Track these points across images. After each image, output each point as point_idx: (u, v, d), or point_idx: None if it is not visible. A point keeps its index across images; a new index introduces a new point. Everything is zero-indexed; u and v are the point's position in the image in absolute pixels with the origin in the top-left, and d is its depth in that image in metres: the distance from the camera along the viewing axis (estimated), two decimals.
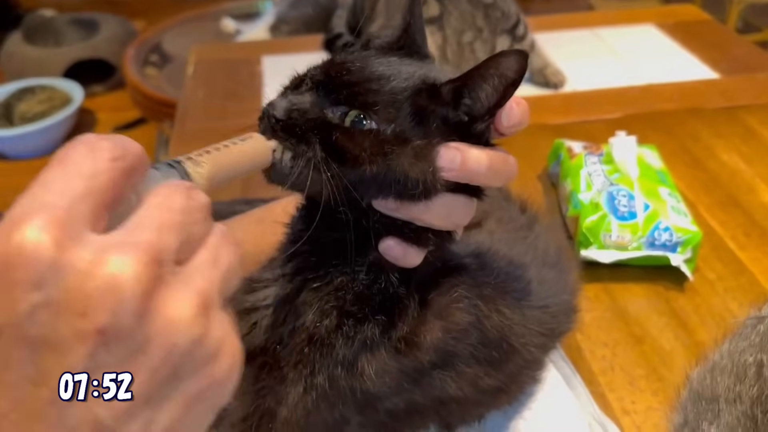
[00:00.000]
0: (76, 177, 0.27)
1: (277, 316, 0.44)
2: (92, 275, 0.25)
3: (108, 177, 0.28)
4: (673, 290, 0.72)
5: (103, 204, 0.28)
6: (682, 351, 0.65)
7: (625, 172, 0.77)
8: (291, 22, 2.14)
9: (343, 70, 0.40)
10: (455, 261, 0.47)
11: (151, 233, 0.28)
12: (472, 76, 0.40)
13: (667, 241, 0.71)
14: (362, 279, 0.43)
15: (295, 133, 0.38)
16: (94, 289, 0.25)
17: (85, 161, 0.28)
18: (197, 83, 1.21)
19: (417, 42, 0.45)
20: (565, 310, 0.55)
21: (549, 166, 0.90)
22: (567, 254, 0.63)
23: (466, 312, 0.45)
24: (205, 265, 0.29)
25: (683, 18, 1.42)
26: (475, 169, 0.41)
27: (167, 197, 0.29)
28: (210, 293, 0.29)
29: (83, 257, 0.26)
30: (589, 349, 0.65)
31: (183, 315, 0.27)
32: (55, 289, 0.25)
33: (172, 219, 0.28)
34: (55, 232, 0.25)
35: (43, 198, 0.27)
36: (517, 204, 0.67)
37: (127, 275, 0.26)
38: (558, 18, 1.49)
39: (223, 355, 0.29)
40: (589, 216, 0.73)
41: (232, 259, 0.31)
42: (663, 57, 1.25)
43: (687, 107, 1.07)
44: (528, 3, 3.86)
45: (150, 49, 2.36)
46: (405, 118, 0.40)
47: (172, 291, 0.27)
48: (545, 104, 1.09)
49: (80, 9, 3.32)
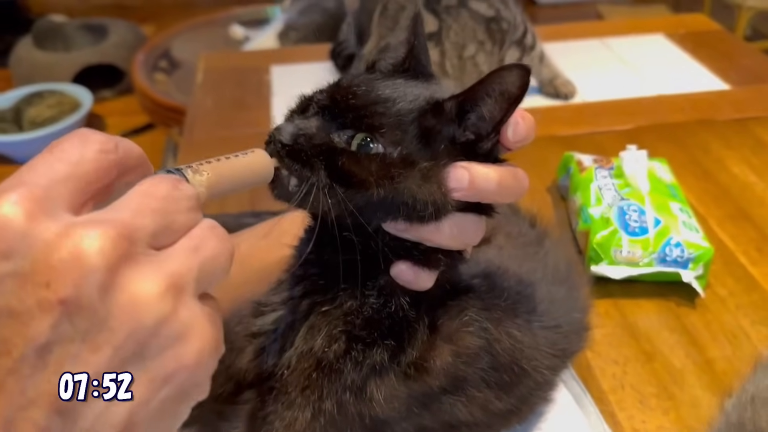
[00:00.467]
0: (61, 162, 0.28)
1: (284, 341, 0.44)
2: (58, 246, 0.26)
3: (93, 166, 0.29)
4: (684, 306, 0.71)
5: (85, 191, 0.29)
6: (693, 369, 0.64)
7: (636, 186, 0.77)
8: (300, 29, 2.14)
9: (349, 94, 0.40)
10: (465, 283, 0.47)
11: (126, 213, 0.28)
12: (474, 90, 0.40)
13: (679, 257, 0.70)
14: (372, 303, 0.43)
15: (300, 159, 0.38)
16: (58, 261, 0.26)
17: (73, 149, 0.29)
18: (206, 92, 1.22)
19: (422, 62, 0.45)
20: (577, 330, 0.55)
21: (558, 178, 0.89)
22: (577, 270, 0.62)
23: (476, 336, 0.45)
24: (184, 251, 0.29)
25: (693, 28, 1.41)
26: (484, 187, 0.40)
27: (151, 185, 0.30)
28: (183, 277, 0.29)
29: (52, 230, 0.26)
30: (600, 366, 0.64)
31: (149, 292, 0.27)
32: (23, 260, 0.26)
33: (151, 204, 0.29)
34: (28, 205, 0.26)
35: (24, 177, 0.28)
36: (527, 218, 0.67)
37: (92, 248, 0.26)
38: (567, 27, 1.48)
39: (192, 338, 0.29)
40: (599, 231, 0.72)
41: (218, 250, 0.30)
42: (673, 67, 1.25)
43: (697, 118, 1.07)
44: (535, 10, 3.86)
45: (159, 55, 2.37)
46: (412, 140, 0.39)
47: (141, 269, 0.27)
48: (554, 115, 1.09)
49: (90, 14, 3.33)
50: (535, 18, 3.78)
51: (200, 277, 0.29)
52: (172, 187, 0.30)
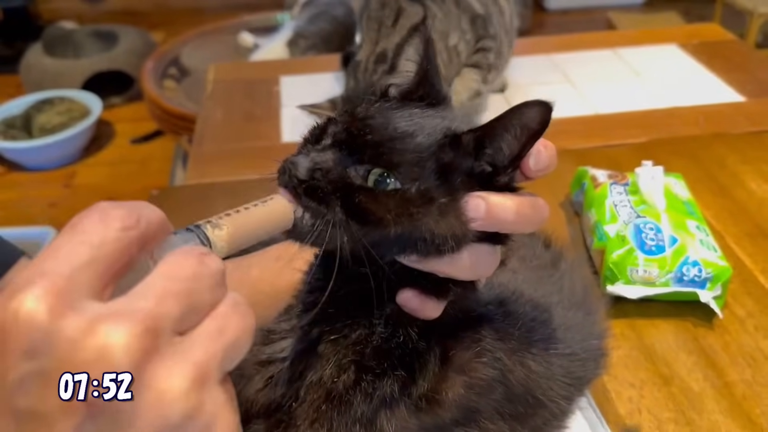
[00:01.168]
0: (83, 245, 0.27)
1: (293, 371, 0.43)
2: (82, 345, 0.25)
3: (116, 246, 0.28)
4: (702, 327, 0.70)
5: (109, 273, 0.28)
6: (711, 392, 0.63)
7: (652, 203, 0.76)
8: (309, 37, 2.13)
9: (366, 128, 0.39)
10: (478, 311, 0.45)
11: (151, 301, 0.27)
12: (493, 126, 0.39)
13: (696, 276, 0.69)
14: (380, 332, 0.42)
15: (316, 196, 0.37)
16: (83, 361, 0.25)
17: (94, 229, 0.28)
18: (215, 103, 1.21)
19: (435, 87, 0.44)
20: (594, 357, 0.54)
21: (572, 194, 0.88)
22: (594, 293, 0.61)
23: (490, 367, 0.43)
24: (208, 335, 0.28)
25: (706, 38, 1.40)
26: (502, 217, 0.39)
27: (176, 264, 0.29)
28: (208, 366, 0.28)
29: (76, 326, 0.25)
30: (616, 390, 0.63)
31: (175, 388, 0.26)
32: (47, 359, 0.25)
33: (176, 287, 0.28)
34: (51, 300, 0.25)
35: (46, 266, 0.27)
36: (541, 239, 0.65)
37: (117, 346, 0.25)
38: (578, 37, 1.47)
39: (217, 430, 0.28)
40: (615, 250, 0.71)
41: (241, 331, 0.30)
42: (687, 79, 1.23)
43: (712, 132, 1.05)
44: (544, 16, 3.85)
45: (169, 62, 2.38)
46: (429, 175, 0.38)
47: (167, 362, 0.27)
48: (567, 128, 1.07)
49: (100, 21, 3.35)
50: (545, 24, 3.77)
51: (224, 362, 0.29)
52: (198, 263, 0.29)
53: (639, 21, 3.50)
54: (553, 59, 1.32)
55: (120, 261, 0.28)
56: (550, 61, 1.31)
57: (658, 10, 3.70)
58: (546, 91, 1.20)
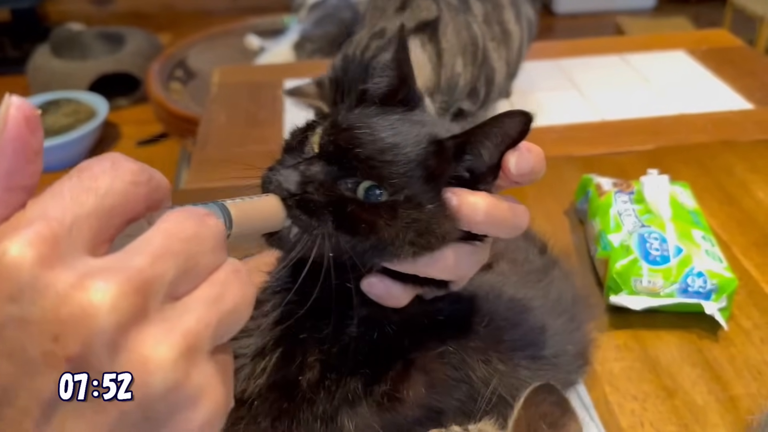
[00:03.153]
0: (89, 192, 0.26)
1: (254, 367, 0.43)
2: (69, 300, 0.24)
3: (122, 200, 0.27)
4: (707, 339, 0.69)
5: (110, 227, 0.27)
6: (715, 406, 0.62)
7: (657, 212, 0.74)
8: (315, 41, 2.13)
9: (354, 140, 0.39)
10: (446, 311, 0.45)
11: (147, 260, 0.26)
12: (475, 133, 0.39)
13: (701, 287, 0.68)
14: (351, 332, 0.42)
15: (309, 209, 0.37)
16: (68, 315, 0.24)
17: (104, 177, 0.27)
18: (219, 106, 1.21)
19: (412, 89, 0.45)
20: (567, 363, 0.53)
21: (577, 201, 0.87)
22: (584, 304, 0.60)
23: (452, 367, 0.43)
24: (204, 302, 0.27)
25: (715, 44, 1.38)
26: (470, 216, 0.39)
27: (177, 222, 0.27)
28: (199, 335, 0.26)
29: (65, 279, 0.24)
30: (618, 402, 0.62)
31: (160, 356, 0.25)
32: (32, 307, 0.24)
33: (175, 246, 0.27)
34: (42, 248, 0.24)
35: (47, 208, 0.26)
36: (538, 245, 0.65)
37: (104, 304, 0.24)
38: (586, 43, 1.46)
39: (203, 402, 0.27)
40: (619, 260, 0.70)
41: (240, 299, 0.28)
42: (695, 85, 1.22)
43: (720, 139, 1.04)
44: (553, 20, 3.84)
45: (175, 65, 2.38)
46: (416, 183, 0.39)
47: (155, 328, 0.25)
48: (572, 134, 1.06)
49: (107, 23, 3.36)
50: (553, 29, 3.76)
51: (217, 332, 0.27)
52: (200, 224, 0.28)
53: (648, 26, 3.48)
54: (560, 64, 1.31)
55: (123, 216, 0.27)
56: (556, 67, 1.30)
57: (668, 15, 3.68)
58: (552, 96, 1.19)
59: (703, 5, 3.83)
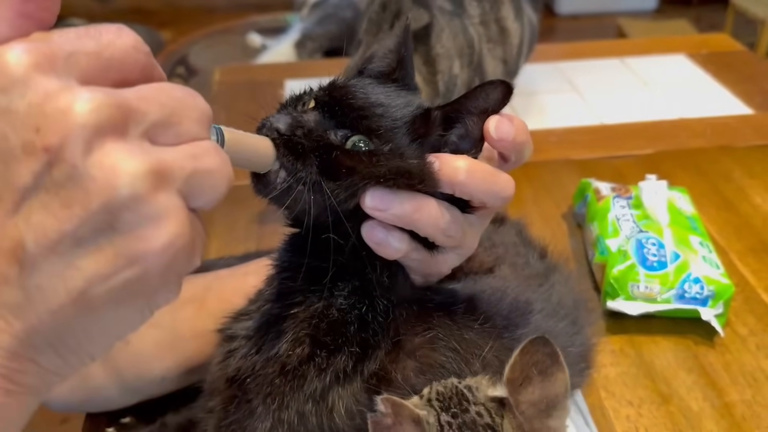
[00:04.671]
0: (92, 39, 0.28)
1: (251, 346, 0.44)
2: (56, 98, 0.26)
3: (121, 55, 0.28)
4: (703, 345, 0.69)
5: (103, 74, 0.28)
6: (711, 413, 0.62)
7: (655, 218, 0.75)
8: (316, 39, 2.13)
9: (348, 95, 0.41)
10: (437, 300, 0.46)
11: (132, 94, 0.28)
12: (459, 102, 0.42)
13: (698, 294, 0.68)
14: (340, 304, 0.43)
15: (296, 151, 0.38)
16: (52, 110, 0.26)
17: (108, 34, 0.28)
18: (219, 106, 1.20)
19: (409, 74, 0.47)
20: (570, 363, 0.53)
21: (575, 205, 0.87)
22: (585, 309, 0.60)
23: (441, 355, 0.44)
24: (182, 153, 0.29)
25: (716, 48, 1.38)
26: (452, 176, 0.41)
27: (169, 85, 0.29)
28: (171, 169, 0.28)
29: (55, 84, 0.26)
30: (613, 407, 0.62)
31: (131, 167, 0.26)
32: (20, 100, 0.26)
33: (162, 98, 0.28)
34: (39, 57, 0.26)
35: (52, 36, 0.27)
36: (538, 250, 0.65)
37: (87, 105, 0.26)
38: (586, 45, 1.46)
39: (166, 223, 0.28)
40: (616, 265, 0.70)
41: (217, 167, 0.30)
42: (694, 89, 1.22)
43: (719, 144, 1.04)
44: (554, 21, 3.83)
45: (176, 62, 2.37)
46: (402, 139, 0.41)
47: (130, 147, 0.27)
48: (571, 138, 1.07)
49: (110, 18, 3.35)
50: (555, 29, 3.76)
51: (190, 182, 0.29)
52: (190, 95, 0.30)
53: (649, 28, 3.48)
54: (560, 67, 1.31)
55: (118, 72, 0.28)
56: (556, 69, 1.30)
57: (669, 17, 3.68)
58: (552, 99, 1.19)
59: (705, 7, 3.83)
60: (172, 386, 0.58)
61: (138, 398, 0.59)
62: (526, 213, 0.80)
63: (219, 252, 0.82)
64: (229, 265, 0.61)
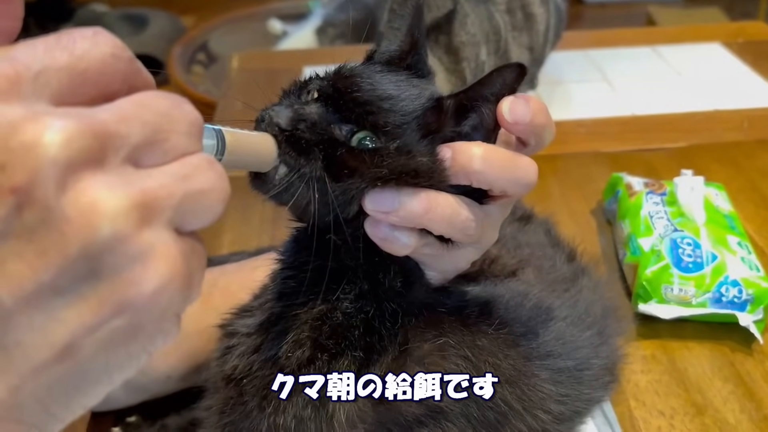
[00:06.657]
0: (64, 51, 0.24)
1: (249, 344, 0.42)
2: (21, 130, 0.22)
3: (97, 66, 0.25)
4: (740, 352, 0.65)
5: (78, 90, 0.25)
6: (748, 426, 0.58)
7: (691, 216, 0.70)
8: (338, 26, 2.10)
9: (354, 86, 0.38)
10: (449, 305, 0.43)
11: (111, 116, 0.24)
12: (473, 89, 0.38)
13: (736, 297, 0.64)
14: (345, 308, 0.40)
15: (298, 147, 0.36)
16: (18, 144, 0.22)
17: (83, 42, 0.25)
18: (236, 92, 1.18)
19: (423, 59, 0.43)
20: (593, 378, 0.49)
21: (605, 201, 0.83)
22: (614, 317, 0.56)
23: (452, 363, 0.40)
24: (170, 175, 0.25)
25: (752, 36, 1.33)
26: (467, 165, 0.37)
27: (151, 96, 0.26)
28: (157, 199, 0.24)
29: (20, 113, 0.22)
30: (644, 418, 0.59)
31: (112, 203, 0.23)
32: None
33: (144, 115, 0.25)
34: (1, 82, 0.23)
35: (18, 52, 0.24)
36: (566, 251, 0.61)
37: (57, 137, 0.22)
38: (616, 33, 1.41)
39: (154, 264, 0.24)
40: (649, 266, 0.66)
41: (211, 186, 0.26)
42: (730, 80, 1.17)
43: (757, 138, 0.99)
44: (582, 8, 3.75)
45: (197, 48, 2.35)
46: (411, 136, 0.38)
47: (111, 178, 0.23)
48: (600, 130, 1.02)
49: (132, 4, 3.34)
50: (582, 18, 3.68)
51: (181, 208, 0.25)
52: (174, 105, 0.26)
53: (680, 16, 3.39)
54: (589, 55, 1.26)
55: (96, 86, 0.25)
56: (585, 57, 1.25)
57: (700, 5, 3.58)
58: (580, 88, 1.15)
59: None
60: (177, 385, 0.56)
61: (143, 397, 0.58)
62: (553, 209, 0.76)
63: (232, 245, 0.80)
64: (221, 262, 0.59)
